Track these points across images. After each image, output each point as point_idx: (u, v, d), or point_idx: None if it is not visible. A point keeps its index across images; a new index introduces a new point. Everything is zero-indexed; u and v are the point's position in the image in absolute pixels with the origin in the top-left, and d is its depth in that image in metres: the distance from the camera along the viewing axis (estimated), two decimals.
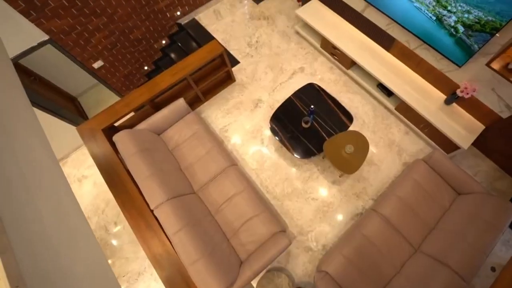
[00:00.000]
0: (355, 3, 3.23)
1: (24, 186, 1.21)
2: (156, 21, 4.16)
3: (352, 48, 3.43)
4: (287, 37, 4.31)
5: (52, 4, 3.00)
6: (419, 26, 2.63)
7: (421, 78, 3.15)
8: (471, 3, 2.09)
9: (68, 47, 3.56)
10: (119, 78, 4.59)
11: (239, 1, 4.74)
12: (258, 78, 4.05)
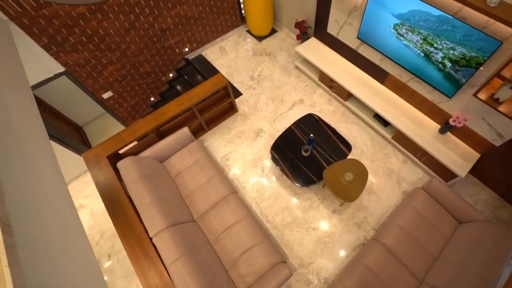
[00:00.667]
0: (350, 41, 3.49)
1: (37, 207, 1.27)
2: (165, 56, 4.46)
3: (349, 81, 3.63)
4: (287, 71, 4.56)
5: (72, 40, 3.26)
6: (410, 61, 2.83)
7: (415, 108, 3.29)
8: (455, 41, 2.28)
9: (82, 78, 3.79)
10: (126, 108, 4.79)
11: (243, 38, 5.10)
12: (260, 109, 4.22)
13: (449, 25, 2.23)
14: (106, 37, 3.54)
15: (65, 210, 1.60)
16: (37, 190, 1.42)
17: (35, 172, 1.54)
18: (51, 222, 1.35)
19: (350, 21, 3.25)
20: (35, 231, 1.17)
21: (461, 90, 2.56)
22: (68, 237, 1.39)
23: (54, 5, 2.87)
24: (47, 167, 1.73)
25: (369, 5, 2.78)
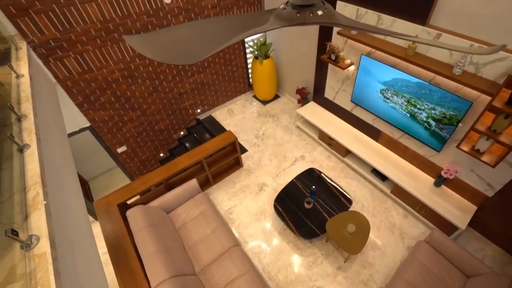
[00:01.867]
0: (345, 104, 3.95)
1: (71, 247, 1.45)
2: (179, 116, 4.95)
3: (346, 139, 3.97)
4: (289, 130, 4.98)
5: (102, 99, 3.75)
6: (399, 120, 3.19)
7: (409, 163, 3.52)
8: (433, 102, 2.66)
9: (102, 133, 4.17)
10: (136, 163, 5.06)
11: (249, 102, 5.69)
12: (264, 164, 4.47)
13: (426, 89, 2.65)
14: (131, 98, 4.05)
15: (86, 245, 1.73)
16: (71, 225, 1.60)
17: (70, 210, 1.73)
18: (79, 250, 1.48)
19: (344, 88, 3.76)
20: (67, 254, 1.31)
21: (447, 144, 2.84)
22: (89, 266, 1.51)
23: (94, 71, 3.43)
24: (78, 207, 1.92)
25: (359, 75, 3.29)
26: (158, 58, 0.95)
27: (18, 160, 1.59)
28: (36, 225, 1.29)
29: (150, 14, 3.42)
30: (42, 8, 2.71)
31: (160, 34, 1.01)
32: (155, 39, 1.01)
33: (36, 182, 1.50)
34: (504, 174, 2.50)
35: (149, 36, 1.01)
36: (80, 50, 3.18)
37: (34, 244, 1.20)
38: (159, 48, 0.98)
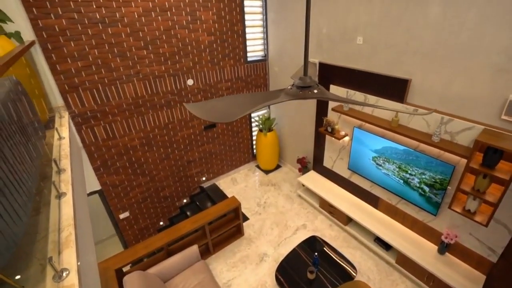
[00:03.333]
0: (343, 172, 4.26)
1: None
2: (184, 184, 5.17)
3: (346, 207, 4.11)
4: (290, 199, 5.13)
5: (118, 164, 4.05)
6: (394, 186, 3.43)
7: (410, 230, 3.59)
8: (422, 167, 2.97)
9: (110, 197, 4.32)
10: (135, 231, 5.01)
11: (252, 172, 6.00)
12: (265, 233, 4.47)
13: (413, 156, 3.00)
14: (144, 164, 4.37)
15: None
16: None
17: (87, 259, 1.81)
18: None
19: (341, 157, 4.14)
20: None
21: (442, 208, 3.02)
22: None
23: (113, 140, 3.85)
24: (91, 260, 1.98)
25: (353, 144, 3.71)
26: (206, 117, 1.30)
27: (56, 205, 1.79)
28: (67, 261, 1.42)
29: (174, 93, 4.06)
30: (89, 87, 3.30)
31: (208, 103, 1.42)
32: (205, 106, 1.40)
33: (70, 224, 1.67)
34: (501, 235, 2.61)
35: (201, 104, 1.41)
36: (110, 120, 3.66)
37: (65, 276, 1.31)
38: (207, 111, 1.36)
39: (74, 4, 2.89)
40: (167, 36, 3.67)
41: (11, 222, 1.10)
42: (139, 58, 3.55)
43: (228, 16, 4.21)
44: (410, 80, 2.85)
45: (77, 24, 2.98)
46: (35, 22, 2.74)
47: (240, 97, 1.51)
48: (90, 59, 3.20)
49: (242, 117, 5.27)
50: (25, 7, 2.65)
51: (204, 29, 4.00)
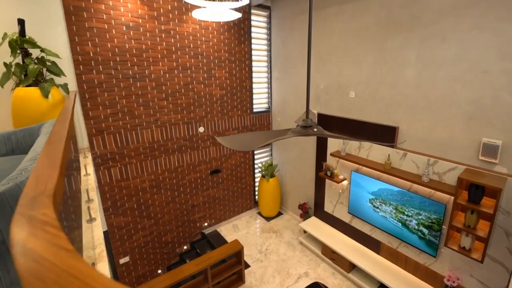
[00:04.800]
0: (344, 216, 4.40)
1: None
2: (187, 229, 5.21)
3: (348, 252, 4.15)
4: (292, 246, 5.13)
5: (127, 205, 4.21)
6: (394, 229, 3.58)
7: (413, 276, 3.61)
8: (416, 207, 3.19)
9: (113, 240, 4.34)
10: (132, 279, 4.86)
11: (254, 219, 6.06)
12: (266, 281, 4.39)
13: (407, 196, 3.25)
14: (151, 206, 4.51)
15: None
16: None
17: None
18: None
19: (341, 201, 4.34)
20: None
21: (440, 249, 3.15)
22: None
23: None
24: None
25: (351, 188, 3.97)
26: (232, 147, 1.65)
27: (87, 228, 2.00)
28: (102, 271, 1.59)
29: (186, 139, 4.45)
30: (113, 131, 3.69)
31: (234, 137, 1.82)
32: (231, 139, 1.78)
33: (101, 243, 1.86)
34: (500, 275, 2.71)
35: (228, 138, 1.79)
36: (126, 162, 3.95)
37: None
38: (233, 143, 1.72)
39: (113, 63, 3.46)
40: (185, 89, 4.23)
41: None
42: (160, 107, 4.03)
43: (238, 74, 4.87)
44: (398, 127, 3.28)
45: (113, 79, 3.51)
46: (80, 76, 3.26)
47: (257, 133, 1.89)
48: (118, 107, 3.65)
49: (246, 162, 5.60)
50: (74, 65, 3.19)
51: (217, 84, 4.60)
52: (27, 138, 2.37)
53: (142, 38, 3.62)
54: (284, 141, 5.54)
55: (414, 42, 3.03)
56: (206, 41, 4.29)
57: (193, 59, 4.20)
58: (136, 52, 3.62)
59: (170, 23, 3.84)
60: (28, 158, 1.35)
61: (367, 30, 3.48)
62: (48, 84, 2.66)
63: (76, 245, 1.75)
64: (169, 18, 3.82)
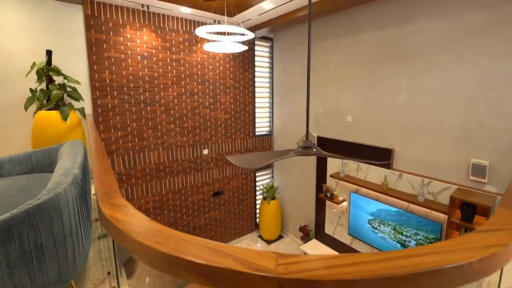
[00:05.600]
0: (344, 238, 4.45)
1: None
2: None
3: None
4: None
5: None
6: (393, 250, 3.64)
7: None
8: (414, 227, 3.29)
9: None
10: None
11: (254, 242, 6.05)
12: None
13: (405, 216, 3.35)
14: None
15: None
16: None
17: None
18: None
19: (341, 222, 4.41)
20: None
21: None
22: None
23: None
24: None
25: (351, 209, 4.07)
26: (241, 165, 1.82)
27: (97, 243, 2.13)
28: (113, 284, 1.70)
29: (191, 161, 4.62)
30: (123, 153, 3.87)
31: (242, 156, 2.00)
32: (240, 158, 1.96)
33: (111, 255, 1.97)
34: None
35: (237, 157, 1.97)
36: (133, 183, 4.09)
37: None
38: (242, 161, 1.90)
39: (127, 89, 3.73)
40: (192, 113, 4.47)
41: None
42: (167, 130, 4.24)
43: (242, 99, 5.14)
44: (393, 149, 3.47)
45: (126, 103, 3.75)
46: (95, 101, 3.50)
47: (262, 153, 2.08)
48: (128, 130, 3.86)
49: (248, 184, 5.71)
50: (92, 90, 3.45)
51: (222, 108, 4.85)
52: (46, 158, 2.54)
53: (154, 67, 3.93)
54: (285, 164, 5.70)
55: (404, 72, 3.31)
56: (213, 69, 4.62)
57: (200, 85, 4.49)
58: (148, 79, 3.90)
59: (181, 53, 4.17)
60: (60, 174, 1.52)
61: (362, 60, 3.79)
62: (68, 108, 2.89)
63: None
64: (180, 48, 4.16)
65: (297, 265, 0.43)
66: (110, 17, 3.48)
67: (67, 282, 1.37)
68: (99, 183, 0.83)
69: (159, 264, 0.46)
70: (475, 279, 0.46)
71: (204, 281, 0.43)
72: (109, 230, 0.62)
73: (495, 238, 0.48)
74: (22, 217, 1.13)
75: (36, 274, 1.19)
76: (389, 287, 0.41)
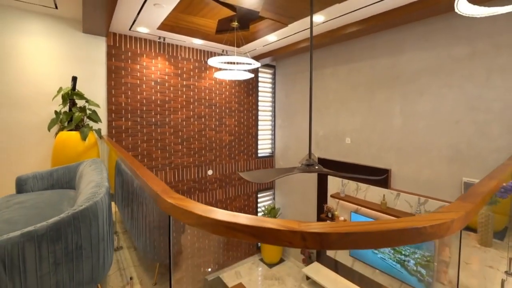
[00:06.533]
0: (345, 260, 4.48)
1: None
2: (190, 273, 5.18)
3: None
4: None
5: None
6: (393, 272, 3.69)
7: None
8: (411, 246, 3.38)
9: None
10: None
11: (256, 265, 6.01)
12: None
13: None
14: None
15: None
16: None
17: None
18: None
19: None
20: None
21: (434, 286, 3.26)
22: None
23: None
24: None
25: None
26: (251, 180, 2.02)
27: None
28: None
29: (196, 181, 4.77)
30: None
31: (252, 172, 2.19)
32: (250, 174, 2.16)
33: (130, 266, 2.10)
34: None
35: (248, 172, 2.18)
36: None
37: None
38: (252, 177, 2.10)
39: (140, 113, 3.99)
40: (199, 135, 4.70)
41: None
42: (175, 151, 4.44)
43: (245, 122, 5.41)
44: (390, 169, 3.66)
45: (138, 125, 3.99)
46: (110, 123, 3.74)
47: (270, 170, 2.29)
48: (139, 150, 4.06)
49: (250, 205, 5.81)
50: (108, 113, 3.70)
51: (227, 131, 5.10)
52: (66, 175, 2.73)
53: (166, 91, 4.22)
54: (287, 184, 5.84)
55: (397, 97, 3.60)
56: (219, 93, 4.93)
57: (207, 109, 4.77)
58: (160, 103, 4.18)
59: (191, 79, 4.50)
60: (93, 186, 1.71)
61: (359, 86, 4.10)
62: (87, 129, 3.12)
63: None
64: (190, 75, 4.49)
65: (311, 225, 0.63)
66: (129, 47, 3.83)
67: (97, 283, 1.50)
68: (153, 185, 1.02)
69: (221, 230, 0.65)
70: (430, 239, 0.68)
71: (253, 239, 0.62)
72: (177, 215, 0.81)
73: (445, 215, 0.69)
74: (69, 220, 1.30)
75: (74, 273, 1.34)
76: (370, 237, 0.61)
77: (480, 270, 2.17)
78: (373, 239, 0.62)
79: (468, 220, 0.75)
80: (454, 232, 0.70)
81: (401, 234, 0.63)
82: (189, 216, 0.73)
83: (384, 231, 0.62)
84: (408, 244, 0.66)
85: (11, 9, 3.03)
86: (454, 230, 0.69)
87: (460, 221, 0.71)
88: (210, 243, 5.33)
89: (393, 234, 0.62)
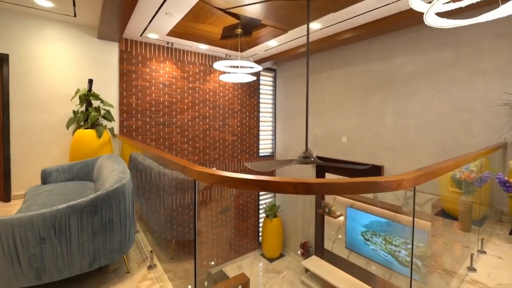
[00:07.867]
0: (342, 252, 4.71)
1: None
2: None
3: None
4: (294, 286, 5.28)
5: None
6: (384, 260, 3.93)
7: None
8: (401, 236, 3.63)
9: None
10: None
11: (257, 260, 6.24)
12: None
13: (393, 226, 3.71)
14: None
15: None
16: None
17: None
18: None
19: (339, 236, 4.72)
20: None
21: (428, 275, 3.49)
22: None
23: None
24: None
25: (348, 223, 4.41)
26: (255, 169, 2.28)
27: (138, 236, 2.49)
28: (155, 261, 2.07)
29: None
30: None
31: (255, 163, 2.46)
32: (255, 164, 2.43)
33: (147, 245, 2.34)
34: None
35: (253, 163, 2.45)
36: None
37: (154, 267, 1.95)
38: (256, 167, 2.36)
39: (149, 113, 4.27)
40: (204, 135, 4.97)
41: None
42: (181, 149, 4.71)
43: (248, 123, 5.69)
44: (383, 166, 3.91)
45: (147, 125, 4.27)
46: (122, 122, 4.02)
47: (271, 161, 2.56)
48: None
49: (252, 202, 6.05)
50: (120, 113, 3.98)
51: (230, 131, 5.37)
52: (84, 168, 3.00)
53: (173, 93, 4.50)
54: None
55: (390, 99, 3.86)
56: (223, 95, 5.21)
57: (211, 110, 5.05)
58: (167, 104, 4.46)
59: (196, 82, 4.78)
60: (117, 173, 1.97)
61: (354, 88, 4.37)
62: (102, 127, 3.39)
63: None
64: (196, 78, 4.77)
65: (301, 179, 0.89)
66: (140, 51, 4.12)
67: (123, 254, 1.76)
68: (178, 161, 1.29)
69: (237, 185, 0.91)
70: (389, 190, 0.94)
71: (260, 189, 0.89)
72: (202, 178, 1.07)
73: (399, 176, 0.95)
74: (104, 197, 1.57)
75: (107, 242, 1.60)
76: (341, 186, 0.88)
77: (457, 249, 2.43)
78: (343, 187, 0.88)
79: (417, 182, 1.02)
80: (405, 188, 0.96)
81: (363, 185, 0.89)
82: (213, 178, 0.99)
83: (350, 182, 0.88)
84: (368, 192, 0.94)
85: (36, 18, 3.33)
86: (405, 187, 0.95)
87: (410, 181, 0.97)
88: (214, 237, 5.57)
89: (358, 185, 0.89)
